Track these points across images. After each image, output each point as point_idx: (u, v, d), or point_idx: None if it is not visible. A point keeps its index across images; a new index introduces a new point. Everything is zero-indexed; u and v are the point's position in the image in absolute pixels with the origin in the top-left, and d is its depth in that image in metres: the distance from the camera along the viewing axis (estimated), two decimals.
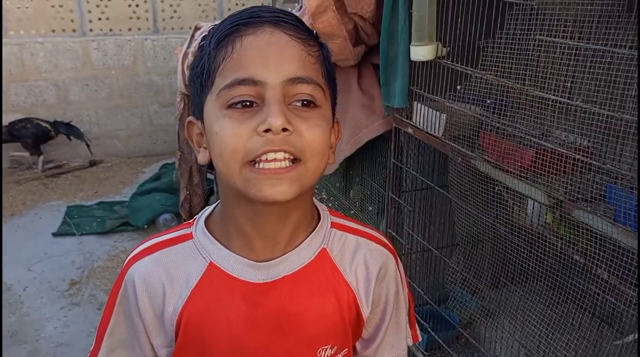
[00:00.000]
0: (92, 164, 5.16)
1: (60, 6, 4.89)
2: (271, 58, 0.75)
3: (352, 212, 2.56)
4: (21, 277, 3.40)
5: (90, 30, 5.02)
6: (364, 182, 2.46)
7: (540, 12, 1.34)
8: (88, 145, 4.99)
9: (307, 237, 0.87)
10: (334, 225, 0.90)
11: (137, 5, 5.10)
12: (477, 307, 1.89)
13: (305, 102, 0.77)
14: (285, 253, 0.85)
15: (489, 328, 1.80)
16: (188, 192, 3.70)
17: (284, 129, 0.73)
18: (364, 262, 0.89)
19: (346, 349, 0.91)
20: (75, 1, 4.92)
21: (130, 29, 5.14)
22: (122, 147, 5.42)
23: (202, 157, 0.83)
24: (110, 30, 5.07)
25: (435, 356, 2.03)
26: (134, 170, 5.13)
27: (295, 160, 0.75)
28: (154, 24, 5.21)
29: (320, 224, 0.89)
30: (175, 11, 5.24)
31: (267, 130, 0.72)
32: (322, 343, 0.87)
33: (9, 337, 2.88)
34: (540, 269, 1.50)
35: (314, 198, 0.90)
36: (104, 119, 5.28)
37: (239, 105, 0.75)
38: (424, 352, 2.02)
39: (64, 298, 3.22)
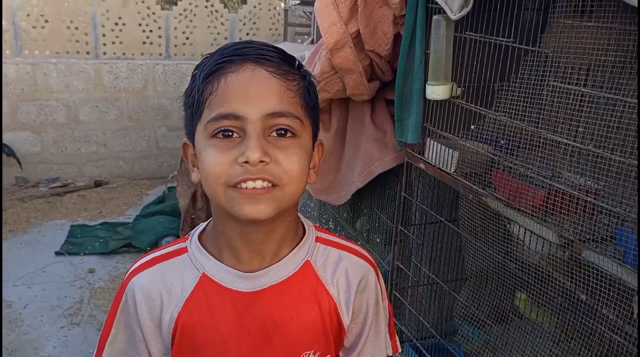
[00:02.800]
0: (97, 184, 5.19)
1: (76, 28, 4.99)
2: (252, 94, 0.83)
3: (359, 242, 2.59)
4: (22, 295, 3.40)
5: (104, 53, 5.12)
6: (372, 213, 2.50)
7: (554, 59, 1.40)
8: (19, 163, 4.97)
9: (292, 251, 0.94)
10: (318, 239, 0.98)
11: (150, 31, 5.22)
12: (483, 341, 1.90)
13: (282, 132, 0.85)
14: (271, 265, 0.92)
15: None
16: (192, 216, 3.73)
17: (262, 161, 0.81)
18: (345, 274, 0.97)
19: (329, 356, 0.97)
20: (91, 24, 5.03)
21: (142, 54, 5.24)
22: (127, 169, 5.46)
23: (195, 177, 0.92)
24: (123, 54, 5.18)
25: None
26: (138, 192, 5.17)
27: (273, 184, 0.83)
28: (166, 50, 5.32)
29: (305, 238, 0.96)
30: (187, 38, 5.35)
31: (246, 162, 0.81)
32: (305, 348, 0.94)
33: (7, 354, 2.87)
34: (549, 306, 1.52)
35: (299, 214, 0.98)
36: (112, 140, 5.34)
37: (220, 135, 0.84)
38: None
39: (64, 317, 3.21)
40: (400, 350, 1.08)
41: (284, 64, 0.87)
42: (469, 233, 1.76)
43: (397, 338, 1.09)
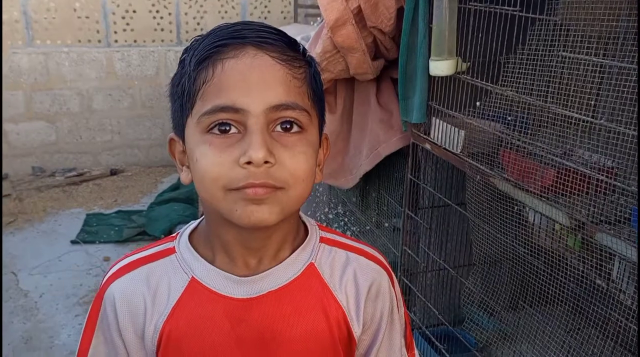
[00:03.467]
0: (113, 173, 5.21)
1: (87, 17, 4.97)
2: (253, 84, 0.72)
3: (368, 227, 2.53)
4: (38, 284, 3.42)
5: (115, 41, 5.09)
6: (380, 197, 2.42)
7: (563, 27, 1.30)
8: None
9: (293, 252, 0.84)
10: (322, 240, 0.88)
11: (161, 17, 5.17)
12: (495, 329, 1.83)
13: (288, 126, 0.74)
14: (270, 268, 0.83)
15: (506, 352, 1.74)
16: None
17: (266, 161, 0.71)
18: (354, 279, 0.86)
19: None
20: (101, 12, 5.00)
21: (154, 41, 5.20)
22: (142, 157, 5.47)
23: (185, 178, 0.81)
24: (135, 41, 5.14)
25: None
26: (153, 180, 5.17)
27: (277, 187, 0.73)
28: (177, 36, 5.27)
29: (308, 239, 0.87)
30: (198, 23, 5.30)
31: (248, 162, 0.71)
32: None
33: (23, 343, 2.89)
34: (561, 293, 1.44)
35: (301, 213, 0.88)
36: (126, 128, 5.34)
37: (216, 130, 0.73)
38: None
39: (79, 306, 3.23)
40: None
41: (288, 49, 0.76)
42: (476, 216, 1.68)
43: (415, 352, 0.97)
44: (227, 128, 0.73)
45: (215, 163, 0.72)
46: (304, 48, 0.80)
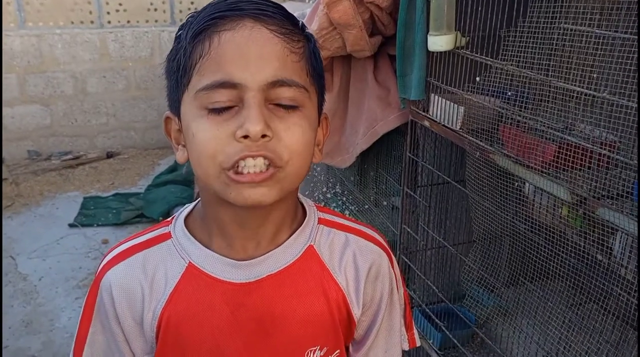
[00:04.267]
0: (109, 155, 5.18)
1: None
2: (251, 57, 0.71)
3: (366, 206, 2.51)
4: (37, 268, 3.42)
5: (108, 22, 5.02)
6: (378, 176, 2.41)
7: None
8: None
9: (292, 235, 0.83)
10: (321, 221, 0.87)
11: None
12: (494, 306, 1.83)
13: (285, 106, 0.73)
14: (268, 252, 0.82)
15: (506, 328, 1.75)
16: None
17: (263, 136, 0.70)
18: (353, 260, 0.86)
19: (338, 351, 0.87)
20: None
21: (147, 21, 5.13)
22: (138, 139, 5.43)
23: (180, 156, 0.80)
24: (128, 22, 5.07)
25: (449, 355, 1.98)
26: (150, 162, 5.15)
27: (274, 166, 0.72)
28: (171, 16, 5.20)
29: (306, 220, 0.86)
30: (192, 2, 5.22)
31: (245, 136, 0.69)
32: (310, 344, 0.84)
33: (23, 327, 2.90)
34: (561, 268, 1.44)
35: (299, 194, 0.87)
36: (121, 111, 5.30)
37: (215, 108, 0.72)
38: (438, 351, 1.97)
39: (79, 289, 3.23)
40: (418, 344, 0.97)
41: (287, 22, 0.74)
42: (476, 193, 1.66)
43: (415, 331, 0.97)
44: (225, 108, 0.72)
45: (212, 137, 0.71)
46: (302, 23, 0.78)
